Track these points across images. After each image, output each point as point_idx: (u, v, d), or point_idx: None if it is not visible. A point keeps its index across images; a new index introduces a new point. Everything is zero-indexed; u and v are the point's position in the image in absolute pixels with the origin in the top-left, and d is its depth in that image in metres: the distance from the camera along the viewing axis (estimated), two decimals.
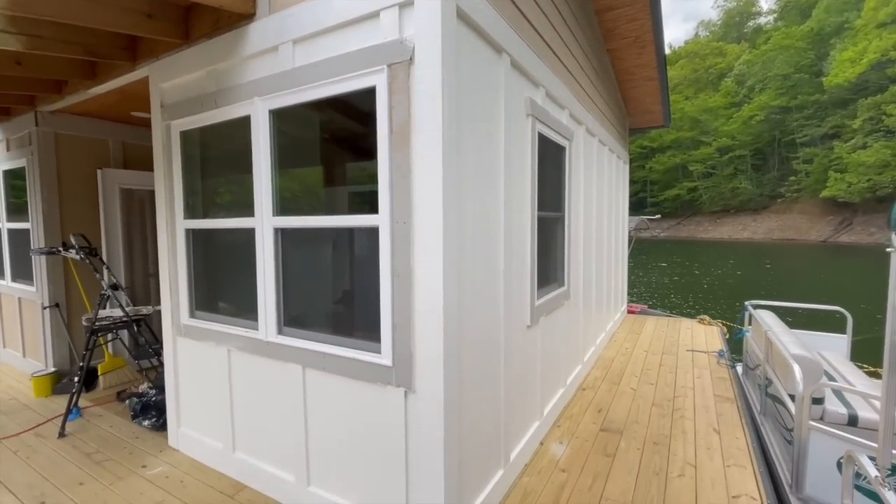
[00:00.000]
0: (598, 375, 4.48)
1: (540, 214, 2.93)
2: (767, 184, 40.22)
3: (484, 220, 2.20)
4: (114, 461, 2.87)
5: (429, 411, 1.85)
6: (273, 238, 2.30)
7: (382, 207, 1.89)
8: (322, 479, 2.27)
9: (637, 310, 7.81)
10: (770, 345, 3.28)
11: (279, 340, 2.33)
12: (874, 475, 1.50)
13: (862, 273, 18.64)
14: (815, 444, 2.46)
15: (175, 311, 2.91)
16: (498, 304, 2.39)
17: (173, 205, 2.82)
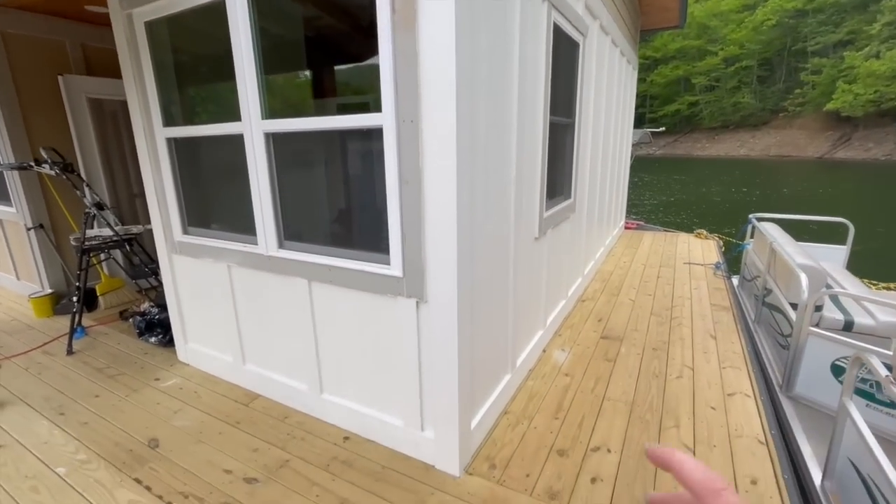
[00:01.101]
0: (597, 288, 4.55)
1: (551, 119, 2.71)
2: (771, 97, 38.70)
3: (497, 120, 2.00)
4: (126, 375, 2.92)
5: (442, 321, 1.82)
6: (264, 145, 2.10)
7: (386, 104, 1.69)
8: (335, 387, 2.32)
9: (634, 225, 7.81)
10: (774, 255, 3.28)
11: (281, 254, 2.23)
12: (885, 374, 1.52)
13: (855, 188, 18.70)
14: (809, 349, 2.53)
15: (167, 228, 2.77)
16: (509, 214, 2.28)
17: (149, 111, 2.55)
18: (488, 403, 2.29)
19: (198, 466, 2.08)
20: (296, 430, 2.32)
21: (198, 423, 2.40)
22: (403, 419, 2.10)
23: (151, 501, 1.88)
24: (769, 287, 3.32)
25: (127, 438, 2.29)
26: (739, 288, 4.53)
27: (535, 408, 2.52)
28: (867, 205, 14.32)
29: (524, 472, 2.04)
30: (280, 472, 2.04)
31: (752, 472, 2.02)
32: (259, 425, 2.37)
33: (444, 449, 2.00)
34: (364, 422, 2.24)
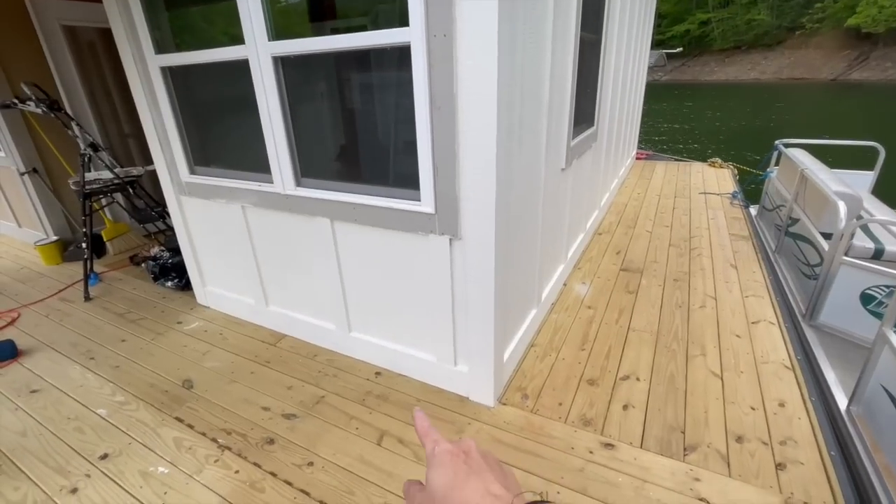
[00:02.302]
0: (612, 220, 4.47)
1: (581, 35, 2.46)
2: (789, 13, 36.04)
3: (534, 35, 1.79)
4: (149, 319, 2.91)
5: (478, 259, 1.75)
6: (273, 70, 1.90)
7: (414, 16, 1.48)
8: (363, 326, 2.31)
9: (644, 156, 7.57)
10: (805, 182, 3.16)
11: (299, 193, 2.12)
12: None
13: (874, 112, 17.99)
14: (838, 278, 2.50)
15: (171, 168, 2.62)
16: (541, 143, 2.13)
17: (137, 37, 2.30)
18: (517, 337, 2.29)
19: (235, 405, 2.12)
20: (327, 368, 2.35)
21: (228, 364, 2.42)
22: (436, 354, 2.11)
23: (196, 438, 1.93)
24: (795, 216, 3.24)
25: (161, 380, 2.32)
26: (758, 218, 4.45)
27: (560, 340, 2.54)
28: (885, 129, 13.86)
29: (556, 400, 2.08)
30: (317, 407, 2.08)
31: (779, 396, 2.07)
32: (289, 364, 2.40)
33: (478, 381, 2.03)
34: (395, 358, 2.26)
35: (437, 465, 0.40)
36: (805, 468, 1.69)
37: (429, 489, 0.39)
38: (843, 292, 2.46)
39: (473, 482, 0.38)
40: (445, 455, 0.40)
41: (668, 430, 1.89)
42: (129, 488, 1.70)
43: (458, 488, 0.37)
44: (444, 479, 0.38)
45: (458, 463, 0.39)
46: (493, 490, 0.37)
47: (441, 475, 0.39)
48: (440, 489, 0.38)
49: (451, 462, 0.39)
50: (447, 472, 0.39)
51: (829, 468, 1.69)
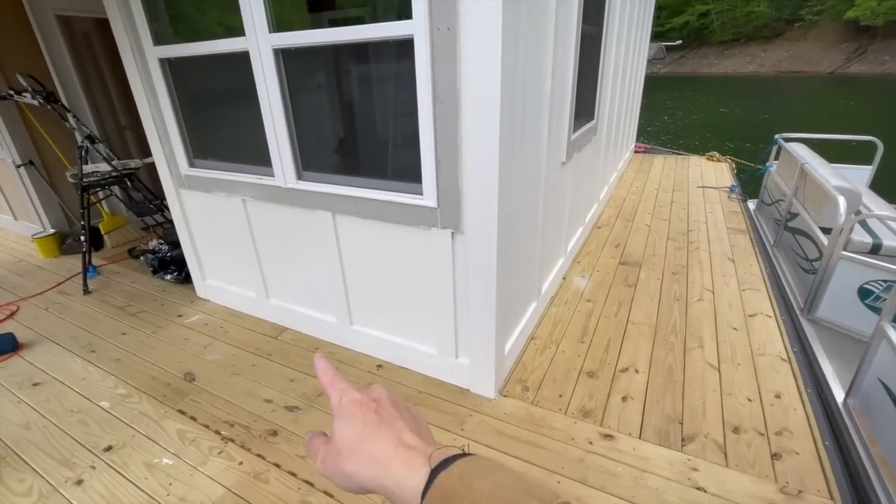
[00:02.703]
0: (611, 214, 4.48)
1: (582, 28, 2.45)
2: (788, 5, 35.86)
3: (537, 27, 1.79)
4: (148, 312, 2.91)
5: (480, 252, 1.75)
6: (274, 63, 1.89)
7: (417, 8, 1.47)
8: (365, 319, 2.32)
9: (642, 149, 7.57)
10: (804, 177, 3.17)
11: (300, 186, 2.11)
12: None
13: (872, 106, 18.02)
14: (836, 273, 2.52)
15: (170, 160, 2.60)
16: (542, 137, 2.14)
17: (136, 28, 2.27)
18: (518, 329, 2.31)
19: (238, 397, 2.14)
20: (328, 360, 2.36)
21: (230, 357, 2.43)
22: (437, 347, 2.13)
23: (199, 430, 1.94)
24: (795, 211, 3.26)
25: (162, 373, 2.33)
26: (757, 212, 4.47)
27: (560, 333, 2.56)
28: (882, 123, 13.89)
29: (556, 392, 2.11)
30: (319, 399, 2.10)
31: (775, 387, 2.10)
32: (291, 356, 2.41)
33: (479, 374, 2.04)
34: (396, 351, 2.27)
35: (345, 416, 0.36)
36: (800, 458, 1.73)
37: (335, 441, 0.36)
38: (841, 287, 2.49)
39: (385, 432, 0.35)
40: (354, 405, 0.37)
41: (667, 421, 1.92)
42: (134, 480, 1.72)
43: (367, 439, 0.35)
44: (352, 430, 0.35)
45: (367, 413, 0.36)
46: (407, 440, 0.35)
47: (349, 426, 0.36)
48: (348, 441, 0.35)
49: (360, 412, 0.36)
50: (356, 422, 0.36)
51: (823, 458, 1.72)
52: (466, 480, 0.30)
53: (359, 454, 0.34)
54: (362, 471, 0.34)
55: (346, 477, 0.35)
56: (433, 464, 0.32)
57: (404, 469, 0.32)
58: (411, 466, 0.32)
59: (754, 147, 10.01)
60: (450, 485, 0.30)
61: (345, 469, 0.35)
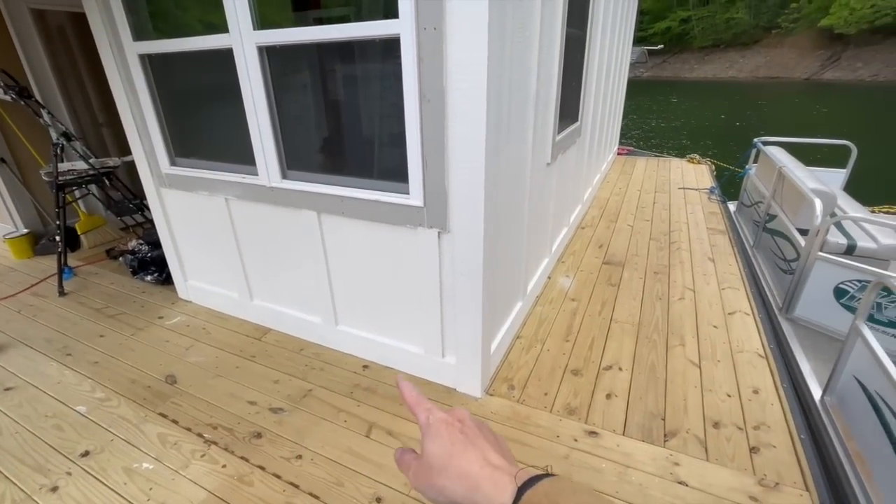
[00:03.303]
0: (595, 214, 4.54)
1: (567, 30, 2.48)
2: (766, 12, 36.89)
3: (522, 28, 1.81)
4: (127, 314, 2.85)
5: (467, 252, 1.76)
6: (258, 60, 1.86)
7: (404, 7, 1.48)
8: (351, 320, 2.31)
9: (625, 151, 7.69)
10: (782, 180, 3.26)
11: (285, 185, 2.09)
12: None
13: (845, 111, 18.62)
14: (813, 273, 2.60)
15: (151, 159, 2.55)
16: (527, 137, 2.16)
17: (114, 23, 2.22)
18: (504, 329, 2.32)
19: (221, 399, 2.10)
20: (313, 361, 2.34)
21: (212, 359, 2.39)
22: (424, 347, 2.12)
23: (181, 433, 1.91)
24: (773, 213, 3.35)
25: (142, 376, 2.28)
26: (737, 214, 4.58)
27: (545, 332, 2.58)
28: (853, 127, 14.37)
29: (542, 391, 2.12)
30: (304, 401, 2.08)
31: (753, 383, 2.15)
32: (275, 358, 2.38)
33: (465, 373, 2.05)
34: (382, 351, 2.26)
35: (434, 435, 0.39)
36: (777, 451, 1.78)
37: (426, 458, 0.39)
38: (817, 287, 2.56)
39: (472, 451, 0.38)
40: (441, 424, 0.40)
41: (650, 418, 1.95)
42: (112, 485, 1.68)
43: (455, 457, 0.38)
44: (441, 448, 0.38)
45: (454, 432, 0.39)
46: (492, 460, 0.37)
47: (438, 444, 0.39)
48: (438, 458, 0.38)
49: (446, 431, 0.39)
50: (444, 441, 0.39)
51: (799, 451, 1.77)
52: (553, 498, 0.32)
53: (449, 471, 0.37)
54: (453, 486, 0.37)
55: (439, 491, 0.38)
56: (519, 482, 0.34)
57: (492, 486, 0.35)
58: (498, 484, 0.35)
59: (733, 150, 10.25)
60: (537, 500, 0.32)
61: (437, 484, 0.38)
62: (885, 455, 1.60)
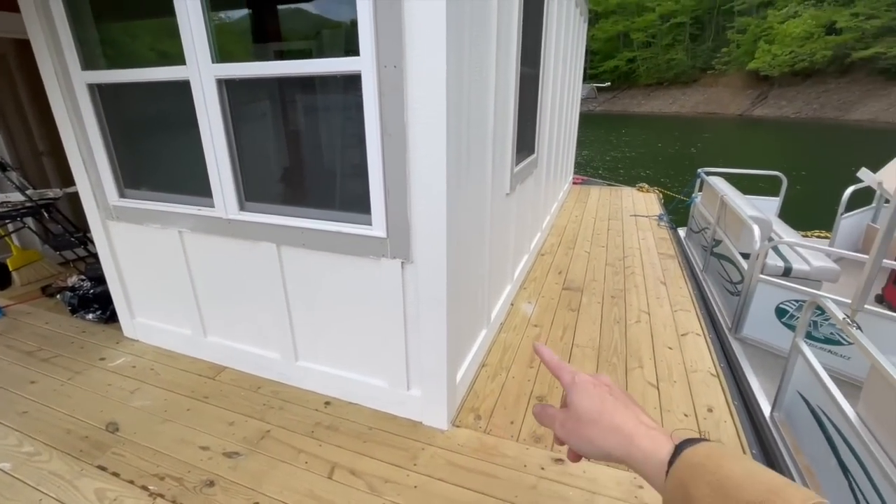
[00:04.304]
0: (554, 241, 4.69)
1: (521, 69, 2.62)
2: (701, 55, 40.53)
3: (479, 66, 1.89)
4: (64, 357, 2.63)
5: (430, 282, 1.77)
6: (217, 93, 1.85)
7: (364, 46, 1.52)
8: (311, 354, 2.23)
9: (580, 180, 8.05)
10: (724, 207, 3.51)
11: (243, 217, 2.04)
12: (842, 317, 1.70)
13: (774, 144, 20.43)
14: (756, 294, 2.78)
15: (97, 191, 2.43)
16: (487, 169, 2.23)
17: (62, 51, 2.15)
18: (469, 358, 2.32)
19: (169, 446, 1.95)
20: (272, 400, 2.23)
21: (160, 402, 2.23)
22: (388, 380, 2.08)
23: (122, 487, 1.75)
24: (718, 238, 3.58)
25: (79, 425, 2.09)
26: (687, 239, 4.86)
27: (510, 359, 2.60)
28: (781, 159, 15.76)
29: (508, 419, 2.12)
30: (262, 443, 1.97)
31: (707, 402, 2.24)
32: (231, 398, 2.26)
33: (431, 405, 2.02)
34: (345, 386, 2.20)
35: (582, 392, 0.43)
36: None
37: (574, 411, 0.43)
38: (761, 307, 2.74)
39: (623, 410, 0.41)
40: (588, 384, 0.44)
41: None
42: None
43: (607, 413, 0.41)
44: (592, 403, 0.42)
45: (603, 392, 0.43)
46: (645, 421, 0.41)
47: (588, 399, 0.42)
48: (588, 412, 0.42)
49: (595, 390, 0.43)
50: (594, 398, 0.42)
51: None
52: (716, 460, 0.34)
53: (600, 423, 0.41)
54: (606, 438, 0.40)
55: (588, 441, 0.41)
56: (676, 441, 0.37)
57: (649, 441, 0.38)
58: (655, 441, 0.38)
59: (680, 178, 10.96)
60: (697, 460, 0.34)
61: (586, 434, 0.41)
62: (830, 467, 1.70)
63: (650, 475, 0.37)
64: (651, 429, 0.40)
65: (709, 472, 0.33)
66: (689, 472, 0.34)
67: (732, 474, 0.32)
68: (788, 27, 32.92)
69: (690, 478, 0.33)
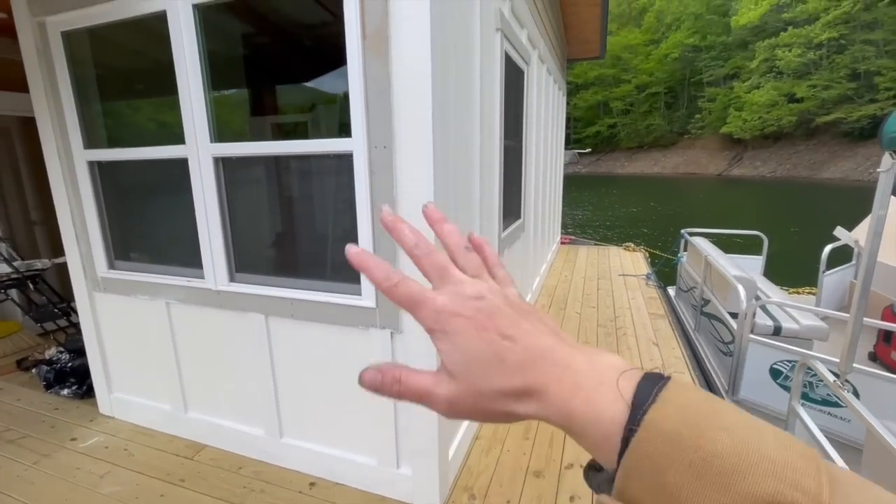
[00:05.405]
0: (545, 302, 4.69)
1: (504, 143, 2.78)
2: (677, 121, 43.34)
3: (463, 144, 2.01)
4: (33, 438, 2.48)
5: (420, 352, 1.74)
6: (213, 170, 1.92)
7: (356, 129, 1.62)
8: (297, 430, 2.14)
9: (567, 240, 8.22)
10: (709, 268, 3.59)
11: (232, 288, 2.04)
12: (833, 380, 1.69)
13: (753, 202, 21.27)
14: (749, 354, 2.77)
15: (87, 262, 2.43)
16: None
17: (66, 131, 2.25)
18: (462, 431, 2.23)
19: None
20: (253, 482, 2.10)
21: (132, 487, 2.09)
22: (377, 458, 1.98)
23: None
24: (707, 297, 3.62)
25: None
26: (677, 298, 4.89)
27: (504, 431, 2.50)
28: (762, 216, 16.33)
29: (504, 498, 2.00)
30: None
31: None
32: (209, 480, 2.11)
33: (423, 485, 1.91)
34: (332, 465, 2.08)
35: (460, 335, 0.29)
36: None
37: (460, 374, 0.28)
38: (754, 368, 2.71)
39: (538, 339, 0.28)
40: (461, 319, 0.29)
41: None
42: None
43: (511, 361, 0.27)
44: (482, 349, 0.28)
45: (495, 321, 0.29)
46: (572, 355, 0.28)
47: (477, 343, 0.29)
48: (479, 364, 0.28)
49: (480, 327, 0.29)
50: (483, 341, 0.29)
51: None
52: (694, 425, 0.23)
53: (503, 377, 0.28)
54: (517, 402, 0.28)
55: (487, 413, 0.29)
56: (626, 387, 0.25)
57: (585, 399, 0.26)
58: (597, 394, 0.26)
59: (665, 237, 11.24)
60: (670, 427, 0.23)
61: (483, 405, 0.29)
62: None
63: (597, 444, 0.26)
64: (586, 369, 0.27)
65: (689, 447, 0.22)
66: (660, 448, 0.23)
67: (722, 448, 0.22)
68: (754, 96, 35.62)
69: (664, 456, 0.22)
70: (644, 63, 44.57)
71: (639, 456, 0.23)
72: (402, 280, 0.30)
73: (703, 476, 0.21)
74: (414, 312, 0.30)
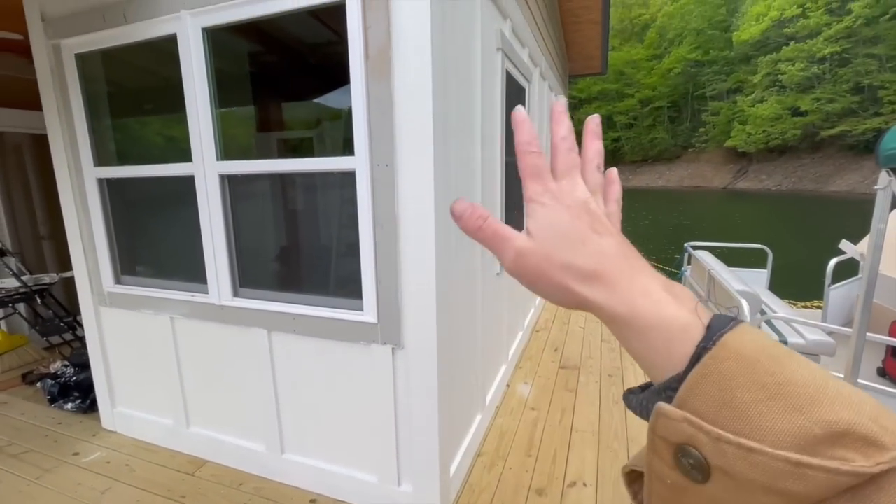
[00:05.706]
0: (548, 317, 4.67)
1: (506, 159, 2.81)
2: (681, 135, 43.47)
3: (464, 162, 2.03)
4: (35, 452, 2.48)
5: (421, 368, 1.75)
6: (220, 187, 1.96)
7: (359, 148, 1.65)
8: (298, 446, 2.13)
9: None
10: (713, 282, 3.57)
11: (236, 304, 2.06)
12: None
13: (758, 215, 21.16)
14: None
15: (94, 277, 2.46)
16: (476, 253, 2.29)
17: (77, 149, 2.30)
18: (464, 447, 2.21)
19: None
20: (254, 499, 2.09)
21: (132, 503, 2.08)
22: (378, 475, 1.96)
23: None
24: None
25: None
26: None
27: (507, 447, 2.47)
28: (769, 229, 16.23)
29: None
30: None
31: None
32: (209, 496, 2.10)
33: (423, 503, 1.88)
34: (333, 481, 2.06)
35: (558, 208, 0.32)
36: None
37: (546, 234, 0.31)
38: None
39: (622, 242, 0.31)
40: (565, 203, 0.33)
41: None
42: None
43: (597, 236, 0.31)
44: (573, 223, 0.32)
45: (590, 213, 0.32)
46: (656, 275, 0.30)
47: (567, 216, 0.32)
48: (570, 232, 0.31)
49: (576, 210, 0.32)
50: (575, 217, 0.32)
51: None
52: (772, 356, 0.24)
53: (586, 251, 0.31)
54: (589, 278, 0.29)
55: (557, 284, 0.30)
56: (702, 315, 0.26)
57: (665, 302, 0.27)
58: (675, 303, 0.27)
59: (669, 250, 11.19)
60: (748, 352, 0.24)
61: (556, 277, 0.31)
62: None
63: (655, 350, 0.26)
64: (661, 283, 0.28)
65: (765, 371, 0.23)
66: (733, 367, 0.23)
67: (800, 378, 0.23)
68: (758, 110, 35.72)
69: (736, 375, 0.23)
70: (647, 78, 44.93)
71: (709, 371, 0.24)
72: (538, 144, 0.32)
73: (776, 397, 0.22)
74: (531, 182, 0.33)
